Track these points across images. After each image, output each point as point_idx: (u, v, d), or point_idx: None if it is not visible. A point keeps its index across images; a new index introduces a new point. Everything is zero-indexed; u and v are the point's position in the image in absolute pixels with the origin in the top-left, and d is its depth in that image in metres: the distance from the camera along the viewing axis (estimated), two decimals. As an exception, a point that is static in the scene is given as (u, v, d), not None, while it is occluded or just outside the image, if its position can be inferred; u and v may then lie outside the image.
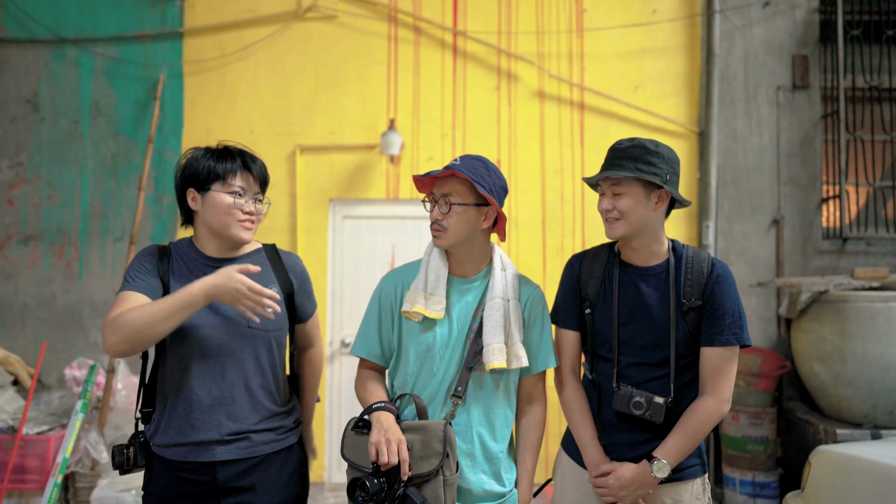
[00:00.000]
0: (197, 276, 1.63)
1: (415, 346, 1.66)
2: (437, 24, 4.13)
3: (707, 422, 1.59)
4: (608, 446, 1.69)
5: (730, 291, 1.62)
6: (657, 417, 1.59)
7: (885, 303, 3.17)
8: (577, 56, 4.13)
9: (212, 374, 1.61)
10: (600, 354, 1.73)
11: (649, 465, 1.58)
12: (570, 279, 1.80)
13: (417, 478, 1.48)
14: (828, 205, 4.06)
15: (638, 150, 1.61)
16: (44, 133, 4.16)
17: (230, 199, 1.63)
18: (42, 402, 3.66)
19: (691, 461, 1.66)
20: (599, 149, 4.07)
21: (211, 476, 1.58)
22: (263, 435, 1.64)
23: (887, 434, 3.09)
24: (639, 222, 1.63)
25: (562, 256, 4.04)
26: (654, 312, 1.65)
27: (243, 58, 4.15)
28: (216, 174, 1.64)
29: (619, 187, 1.62)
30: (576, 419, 1.73)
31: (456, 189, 1.63)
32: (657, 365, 1.64)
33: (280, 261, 1.77)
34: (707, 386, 1.61)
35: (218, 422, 1.59)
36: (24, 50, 4.19)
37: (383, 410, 1.56)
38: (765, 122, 4.07)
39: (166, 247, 1.71)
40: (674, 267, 1.66)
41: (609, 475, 1.62)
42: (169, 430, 1.61)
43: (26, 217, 4.14)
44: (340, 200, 4.15)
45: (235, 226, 1.64)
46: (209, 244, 1.69)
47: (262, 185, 1.71)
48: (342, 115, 4.13)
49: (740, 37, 4.09)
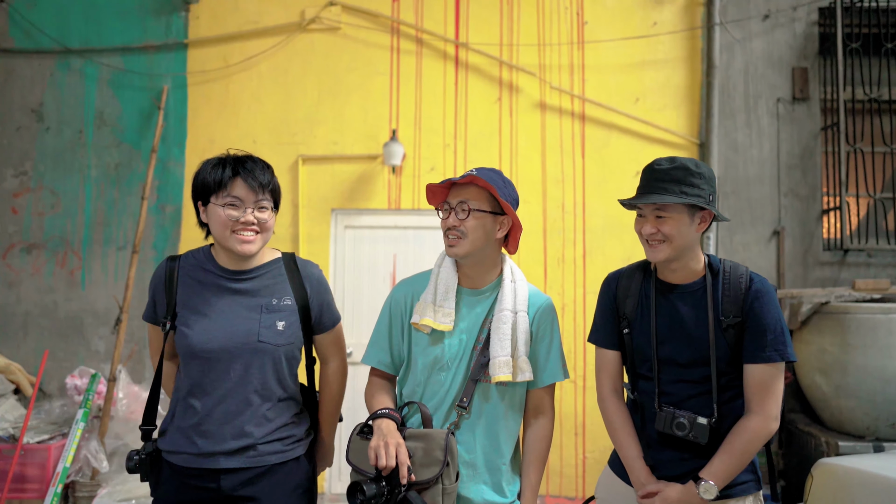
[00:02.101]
0: (209, 288, 1.63)
1: (423, 357, 1.67)
2: (440, 35, 4.16)
3: (754, 441, 1.55)
4: (655, 464, 1.66)
5: (770, 307, 1.58)
6: (701, 438, 1.57)
7: (886, 314, 3.17)
8: (578, 68, 4.16)
9: (220, 387, 1.60)
10: (641, 373, 1.71)
11: (696, 486, 1.55)
12: (607, 299, 1.78)
13: (417, 485, 1.49)
14: (828, 216, 4.06)
15: (681, 172, 1.57)
16: (48, 142, 4.19)
17: (224, 211, 1.59)
18: (43, 411, 3.66)
19: (744, 477, 1.62)
20: (600, 160, 4.09)
21: (216, 483, 1.58)
22: (270, 445, 1.63)
23: (889, 447, 3.08)
24: (683, 245, 1.60)
25: (562, 267, 4.05)
26: (692, 330, 1.62)
27: (247, 68, 4.19)
28: (211, 186, 1.61)
29: (664, 211, 1.58)
30: (620, 438, 1.71)
31: (474, 196, 1.64)
32: (698, 382, 1.62)
33: (297, 271, 1.74)
34: (752, 404, 1.58)
35: (225, 434, 1.59)
36: (30, 60, 4.23)
37: (386, 417, 1.58)
38: (765, 134, 4.09)
39: (174, 263, 1.69)
40: (710, 284, 1.63)
41: (656, 496, 1.60)
42: (177, 439, 1.61)
43: (30, 225, 4.15)
44: (342, 210, 4.17)
45: (231, 238, 1.60)
46: (222, 255, 1.68)
47: (269, 192, 1.64)
48: (344, 126, 4.16)
49: (740, 49, 4.12)
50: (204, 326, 1.61)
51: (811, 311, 3.41)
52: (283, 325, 1.66)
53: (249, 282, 1.68)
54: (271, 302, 1.66)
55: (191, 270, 1.68)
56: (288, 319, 1.67)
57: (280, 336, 1.64)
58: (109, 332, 4.03)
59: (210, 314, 1.62)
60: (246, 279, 1.68)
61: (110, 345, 4.01)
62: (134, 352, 4.02)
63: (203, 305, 1.63)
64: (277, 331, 1.64)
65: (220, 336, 1.60)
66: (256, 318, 1.63)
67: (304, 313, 1.71)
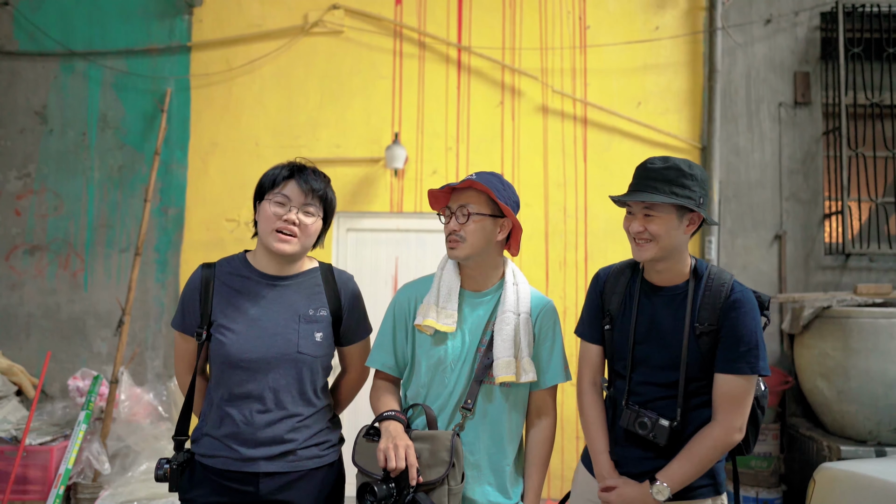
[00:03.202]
0: (246, 295, 1.65)
1: (427, 359, 1.68)
2: (442, 39, 4.18)
3: (714, 449, 1.56)
4: (619, 460, 1.69)
5: (747, 318, 1.56)
6: (661, 439, 1.58)
7: (888, 319, 3.17)
8: (580, 72, 4.17)
9: (260, 395, 1.61)
10: (617, 371, 1.74)
11: (651, 486, 1.57)
12: (594, 293, 1.81)
13: (423, 486, 1.50)
14: (830, 220, 4.07)
15: (673, 173, 1.57)
16: (51, 144, 4.20)
17: (271, 207, 1.63)
18: (45, 413, 3.67)
19: (702, 482, 1.63)
20: (602, 163, 4.10)
21: (254, 487, 1.59)
22: (308, 451, 1.65)
23: (892, 451, 3.08)
24: (670, 245, 1.60)
25: (564, 270, 4.06)
26: (668, 334, 1.63)
27: (249, 71, 4.20)
28: (266, 184, 1.67)
29: (652, 210, 1.59)
30: (591, 431, 1.74)
31: (473, 200, 1.66)
32: (667, 386, 1.63)
33: (334, 281, 1.76)
34: (718, 413, 1.58)
35: (266, 441, 1.60)
36: (34, 62, 4.25)
37: (393, 419, 1.59)
38: (767, 138, 4.09)
39: (210, 270, 1.69)
40: (692, 289, 1.63)
41: (613, 491, 1.63)
42: (214, 445, 1.62)
43: (33, 227, 4.16)
44: (344, 213, 4.18)
45: (271, 235, 1.63)
46: (261, 259, 1.70)
47: (318, 199, 1.67)
48: (347, 129, 4.17)
49: (742, 54, 4.13)
50: (242, 336, 1.61)
51: (813, 316, 3.41)
52: (321, 337, 1.68)
53: (287, 288, 1.69)
54: (308, 312, 1.68)
55: (226, 278, 1.69)
56: (325, 331, 1.70)
57: (318, 347, 1.66)
58: (112, 334, 4.03)
59: (248, 323, 1.63)
60: (283, 285, 1.69)
61: (113, 347, 4.02)
62: (136, 354, 4.02)
63: (240, 314, 1.64)
64: (316, 342, 1.67)
65: (259, 346, 1.61)
66: (295, 328, 1.65)
67: (336, 323, 1.74)
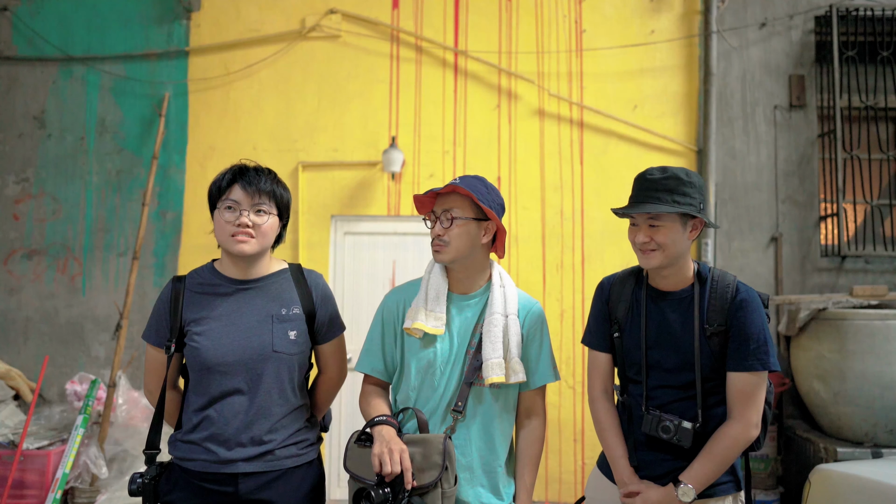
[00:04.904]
0: (217, 301, 1.65)
1: (416, 362, 1.69)
2: (439, 43, 4.20)
3: (733, 447, 1.60)
4: (639, 464, 1.71)
5: (754, 316, 1.62)
6: (685, 442, 1.61)
7: (884, 321, 3.18)
8: (576, 75, 4.19)
9: (237, 397, 1.62)
10: (630, 377, 1.76)
11: (675, 489, 1.60)
12: (599, 302, 1.83)
13: (417, 489, 1.50)
14: (826, 223, 4.08)
15: (673, 182, 1.62)
16: (50, 149, 4.22)
17: (222, 215, 1.64)
18: (43, 417, 3.67)
19: (723, 478, 1.67)
20: (598, 167, 4.11)
21: (233, 487, 1.60)
22: (286, 450, 1.66)
23: (888, 453, 3.09)
24: (675, 252, 1.65)
25: (561, 273, 4.07)
26: (679, 337, 1.67)
27: (247, 76, 4.22)
28: (213, 193, 1.68)
29: (657, 220, 1.63)
30: (607, 438, 1.76)
31: (457, 204, 1.68)
32: (683, 388, 1.67)
33: (304, 280, 1.77)
34: (734, 411, 1.62)
35: (244, 442, 1.61)
36: (33, 68, 4.26)
37: (385, 424, 1.59)
38: (762, 141, 4.11)
39: (179, 283, 1.70)
40: (698, 292, 1.68)
41: (637, 497, 1.64)
42: (192, 448, 1.62)
43: (31, 232, 4.17)
44: (342, 217, 4.19)
45: (228, 240, 1.63)
46: (227, 265, 1.71)
47: (267, 197, 1.67)
48: (344, 133, 4.18)
49: (737, 57, 4.15)
50: (217, 340, 1.62)
51: (809, 318, 3.42)
52: (295, 335, 1.68)
53: (258, 290, 1.70)
54: (281, 311, 1.69)
55: (197, 288, 1.70)
56: (299, 328, 1.70)
57: (293, 345, 1.67)
58: (109, 339, 4.04)
59: (222, 327, 1.64)
60: (254, 287, 1.70)
61: (110, 351, 4.02)
62: (134, 358, 4.03)
63: (213, 320, 1.65)
64: (290, 340, 1.67)
65: (235, 348, 1.62)
66: (269, 328, 1.66)
67: (310, 322, 1.74)
